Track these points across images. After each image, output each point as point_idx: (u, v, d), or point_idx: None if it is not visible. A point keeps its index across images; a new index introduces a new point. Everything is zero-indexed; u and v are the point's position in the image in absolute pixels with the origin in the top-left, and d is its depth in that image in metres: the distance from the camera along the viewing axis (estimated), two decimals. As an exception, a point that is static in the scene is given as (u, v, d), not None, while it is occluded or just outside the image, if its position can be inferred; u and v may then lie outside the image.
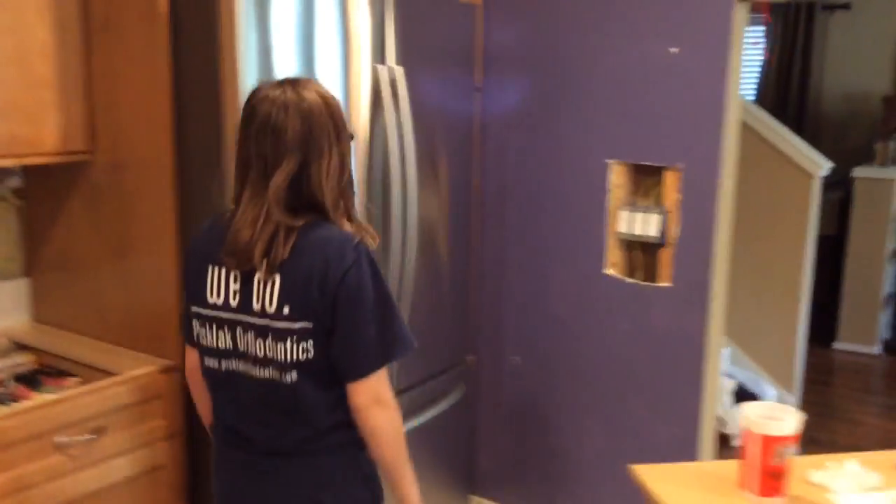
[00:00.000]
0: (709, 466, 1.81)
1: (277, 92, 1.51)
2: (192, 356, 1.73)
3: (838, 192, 5.56)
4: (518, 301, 3.07)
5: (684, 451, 2.75)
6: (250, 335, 1.55)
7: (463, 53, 2.67)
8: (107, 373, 2.17)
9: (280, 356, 1.53)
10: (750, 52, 6.27)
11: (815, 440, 4.14)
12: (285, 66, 2.03)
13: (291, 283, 1.50)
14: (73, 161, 2.27)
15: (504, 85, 3.00)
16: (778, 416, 1.57)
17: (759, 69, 6.25)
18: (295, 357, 1.52)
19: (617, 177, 2.84)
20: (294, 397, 1.54)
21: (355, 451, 1.61)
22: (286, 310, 1.51)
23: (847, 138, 5.99)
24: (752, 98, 6.32)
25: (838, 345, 5.35)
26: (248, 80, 1.95)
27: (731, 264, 3.78)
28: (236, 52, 1.94)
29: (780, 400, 3.71)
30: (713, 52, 2.58)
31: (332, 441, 1.59)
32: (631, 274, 2.85)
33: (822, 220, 5.59)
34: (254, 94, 1.54)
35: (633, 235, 2.81)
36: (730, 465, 1.66)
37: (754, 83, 6.32)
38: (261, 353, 1.55)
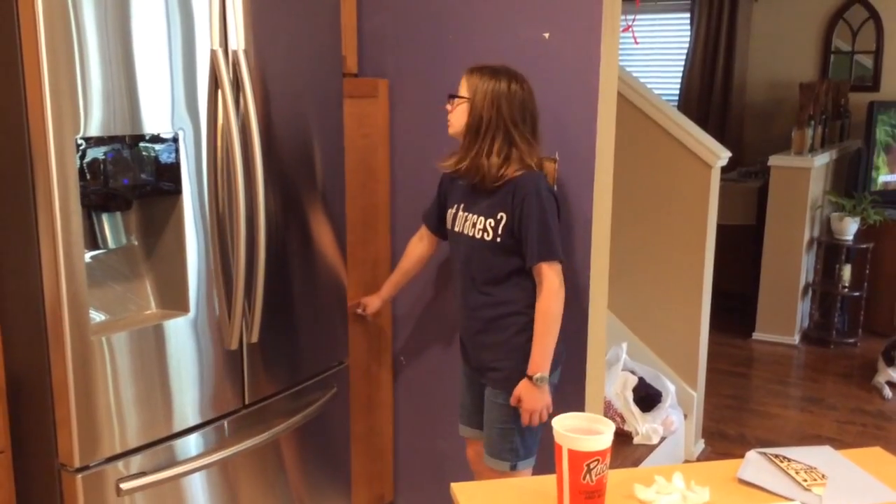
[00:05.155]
0: (529, 482, 1.70)
1: None
2: None
3: (759, 181, 5.51)
4: (404, 300, 2.96)
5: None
6: None
7: (329, 38, 2.52)
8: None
9: None
10: (676, 40, 6.19)
11: (722, 434, 4.08)
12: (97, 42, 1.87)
13: None
14: None
15: (383, 70, 2.88)
16: (595, 428, 1.46)
17: (685, 57, 6.17)
18: None
19: (496, 168, 2.72)
20: None
21: None
22: None
23: (771, 126, 5.95)
24: (678, 85, 6.25)
25: (757, 335, 5.32)
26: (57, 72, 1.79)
27: (632, 257, 3.70)
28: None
29: (680, 394, 3.64)
30: (584, 38, 2.46)
31: None
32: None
33: (741, 210, 5.56)
34: None
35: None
36: (551, 481, 1.55)
37: (679, 71, 6.25)
38: None
